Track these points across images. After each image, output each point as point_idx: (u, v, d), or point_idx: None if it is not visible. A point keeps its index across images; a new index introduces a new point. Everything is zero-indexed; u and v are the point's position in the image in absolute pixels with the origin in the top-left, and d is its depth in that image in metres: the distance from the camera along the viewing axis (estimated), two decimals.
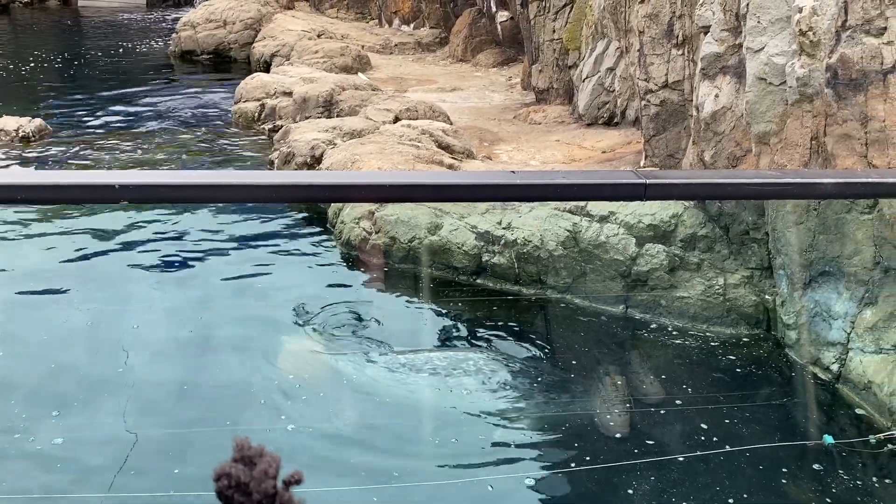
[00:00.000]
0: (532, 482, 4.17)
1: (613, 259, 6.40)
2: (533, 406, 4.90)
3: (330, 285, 6.71)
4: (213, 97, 12.89)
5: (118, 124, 11.38)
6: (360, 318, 6.09)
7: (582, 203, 6.76)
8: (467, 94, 11.86)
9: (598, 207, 6.66)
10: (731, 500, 3.96)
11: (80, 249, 7.09)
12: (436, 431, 4.62)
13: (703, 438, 4.45)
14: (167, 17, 20.93)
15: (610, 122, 9.57)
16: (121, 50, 16.97)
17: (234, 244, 7.39)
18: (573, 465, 4.29)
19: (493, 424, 4.68)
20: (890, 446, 3.65)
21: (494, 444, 4.50)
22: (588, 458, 4.33)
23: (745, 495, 3.97)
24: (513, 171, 2.34)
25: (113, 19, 20.81)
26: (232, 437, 0.85)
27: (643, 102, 7.70)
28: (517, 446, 4.53)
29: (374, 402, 5.02)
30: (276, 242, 7.45)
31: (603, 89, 9.59)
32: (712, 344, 5.78)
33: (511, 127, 10.21)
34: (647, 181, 2.30)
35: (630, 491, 4.04)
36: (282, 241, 7.47)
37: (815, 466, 4.17)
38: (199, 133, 10.93)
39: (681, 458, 4.28)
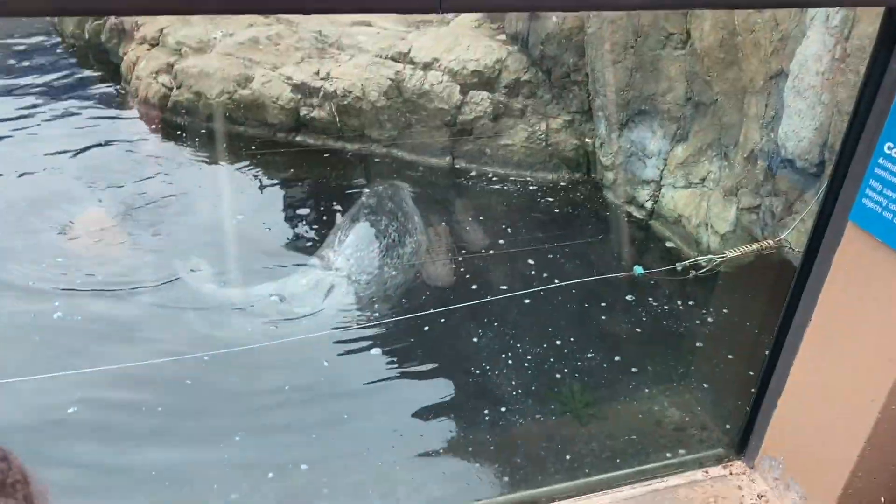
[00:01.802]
0: (377, 348, 3.99)
1: (438, 108, 6.15)
2: (366, 266, 4.67)
3: (127, 149, 6.00)
4: None
5: None
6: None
7: (404, 49, 6.38)
8: None
9: (421, 53, 6.31)
10: (558, 341, 4.02)
11: None
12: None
13: (531, 276, 4.47)
14: None
15: None
16: None
17: (6, 104, 6.40)
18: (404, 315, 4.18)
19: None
20: (693, 273, 3.81)
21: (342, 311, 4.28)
22: (423, 308, 4.22)
23: (567, 328, 4.05)
24: None
25: None
26: None
27: None
28: (355, 309, 4.33)
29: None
30: (60, 100, 6.52)
31: None
32: (535, 189, 5.79)
33: None
34: None
35: (467, 333, 4.01)
36: (66, 97, 6.54)
37: (628, 297, 4.32)
38: None
39: (523, 297, 4.28)
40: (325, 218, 5.20)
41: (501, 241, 4.90)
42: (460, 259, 4.69)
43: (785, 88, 3.96)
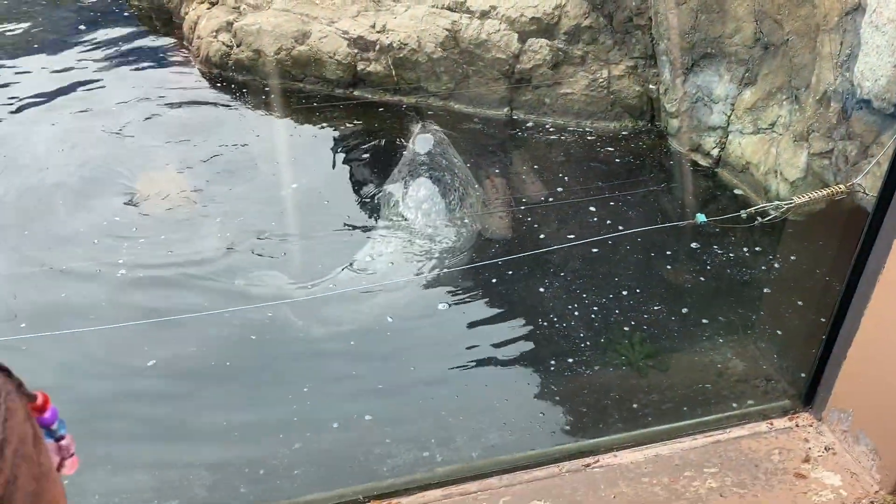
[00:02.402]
0: (444, 302, 3.98)
1: (496, 58, 6.04)
2: (439, 224, 4.64)
3: (190, 109, 6.11)
4: None
5: None
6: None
7: None
8: None
9: (478, 2, 6.18)
10: (624, 290, 3.97)
11: None
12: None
13: (594, 225, 4.41)
14: None
15: None
16: None
17: (76, 67, 6.59)
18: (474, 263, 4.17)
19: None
20: (759, 220, 3.68)
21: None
22: (490, 257, 4.20)
23: (632, 276, 3.99)
24: None
25: None
26: None
27: None
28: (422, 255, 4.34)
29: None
30: (126, 62, 6.67)
31: None
32: (597, 139, 5.67)
33: None
34: None
35: (532, 284, 4.00)
36: (132, 59, 6.68)
37: (693, 245, 4.22)
38: None
39: (585, 247, 4.23)
40: (384, 176, 5.20)
41: (561, 190, 4.83)
42: (522, 209, 4.65)
43: (862, 24, 3.73)
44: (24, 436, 0.61)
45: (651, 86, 5.82)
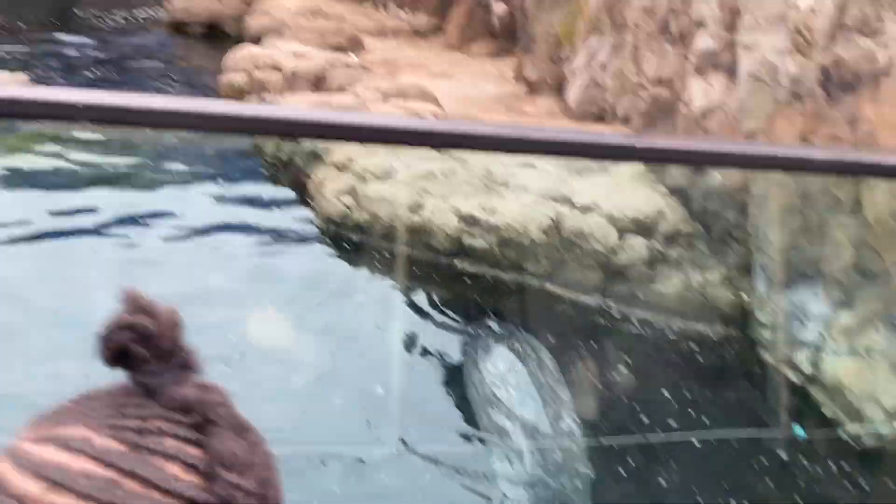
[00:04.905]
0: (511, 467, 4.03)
1: (594, 249, 6.37)
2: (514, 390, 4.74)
3: (309, 262, 6.60)
4: (201, 69, 12.69)
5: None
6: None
7: (566, 192, 6.73)
8: (459, 83, 11.76)
9: (582, 197, 6.62)
10: (699, 494, 3.94)
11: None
12: None
13: (673, 426, 4.43)
14: None
15: (600, 118, 9.54)
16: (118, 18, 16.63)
17: (204, 212, 7.26)
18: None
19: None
20: (856, 444, 3.65)
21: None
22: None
23: (713, 481, 3.95)
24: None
25: None
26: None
27: (634, 98, 7.69)
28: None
29: None
30: (251, 216, 7.32)
31: (595, 84, 9.55)
32: (687, 340, 5.77)
33: (501, 118, 10.14)
34: (637, 144, 2.26)
35: (607, 474, 4.02)
36: (257, 214, 7.33)
37: (783, 458, 4.17)
38: None
39: (661, 442, 4.25)
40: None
41: (648, 382, 4.91)
42: (610, 396, 4.73)
43: None
44: None
45: (744, 296, 5.97)
